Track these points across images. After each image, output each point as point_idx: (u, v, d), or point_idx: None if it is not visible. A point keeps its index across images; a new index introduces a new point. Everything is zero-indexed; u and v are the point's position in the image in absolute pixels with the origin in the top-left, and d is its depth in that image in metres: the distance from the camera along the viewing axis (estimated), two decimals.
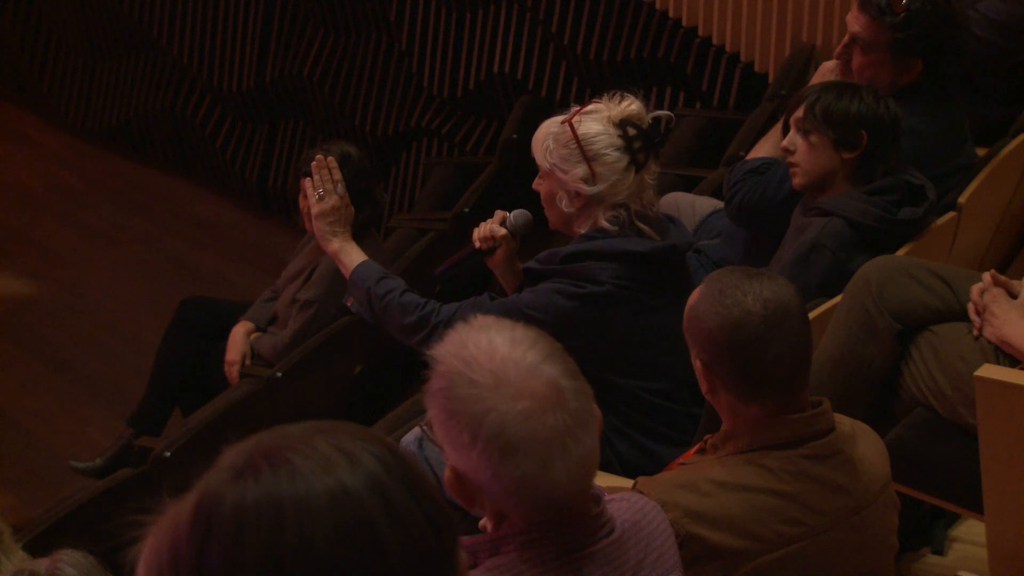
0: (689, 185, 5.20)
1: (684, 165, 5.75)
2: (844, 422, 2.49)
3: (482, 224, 3.44)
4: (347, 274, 3.63)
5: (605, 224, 3.19)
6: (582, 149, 3.15)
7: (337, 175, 3.68)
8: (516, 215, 3.42)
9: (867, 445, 2.49)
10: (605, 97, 3.23)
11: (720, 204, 4.39)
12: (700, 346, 2.43)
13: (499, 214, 3.44)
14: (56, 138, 8.73)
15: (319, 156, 3.72)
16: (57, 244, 7.70)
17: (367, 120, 7.44)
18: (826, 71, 4.17)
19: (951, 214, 3.82)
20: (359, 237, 5.03)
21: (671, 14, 6.09)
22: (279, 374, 4.70)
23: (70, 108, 8.73)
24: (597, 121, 3.18)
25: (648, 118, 3.21)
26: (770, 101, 5.40)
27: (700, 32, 6.03)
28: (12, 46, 8.97)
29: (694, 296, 2.48)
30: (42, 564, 1.81)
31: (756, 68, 5.86)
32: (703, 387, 2.46)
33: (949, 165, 3.97)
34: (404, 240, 5.88)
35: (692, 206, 4.53)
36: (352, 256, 3.63)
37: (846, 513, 2.41)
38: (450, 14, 6.97)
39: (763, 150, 4.20)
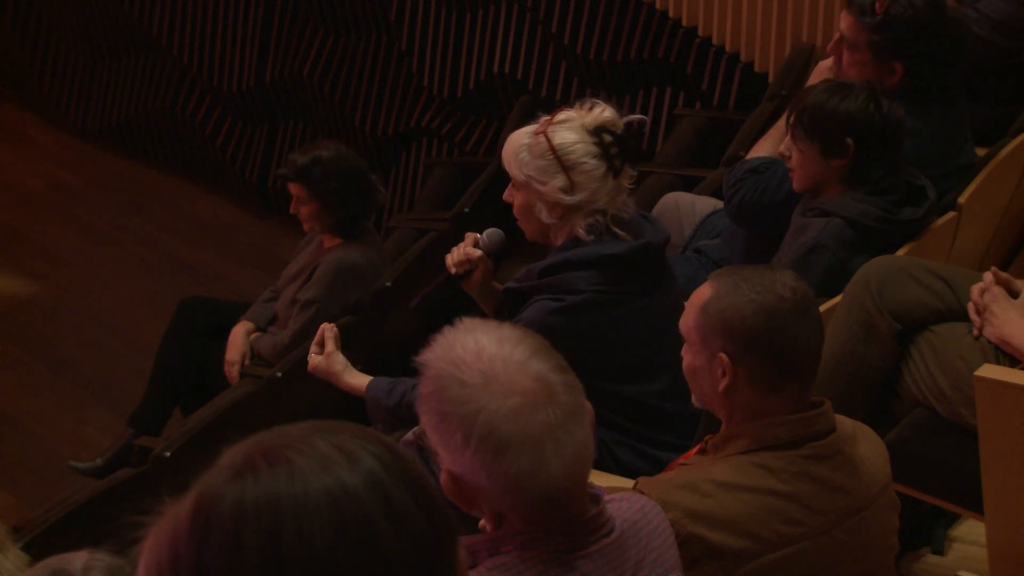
0: (689, 185, 5.20)
1: (684, 165, 5.75)
2: (845, 423, 2.49)
3: (454, 249, 3.41)
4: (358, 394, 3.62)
5: (581, 232, 3.18)
6: (559, 159, 3.13)
7: (331, 346, 3.65)
8: (489, 234, 3.40)
9: (868, 446, 2.50)
10: (577, 105, 3.21)
11: (720, 204, 4.39)
12: (727, 338, 2.40)
13: (470, 236, 3.41)
14: (56, 138, 8.74)
15: (324, 325, 3.72)
16: (57, 244, 7.70)
17: (367, 120, 7.44)
18: (823, 70, 4.16)
19: (951, 214, 3.82)
20: (354, 236, 5.06)
21: (671, 14, 6.09)
22: (279, 374, 4.70)
23: (70, 108, 8.73)
24: (572, 130, 3.15)
25: (622, 123, 3.19)
26: (770, 101, 5.40)
27: (700, 32, 6.03)
28: (12, 46, 8.98)
29: (704, 295, 2.45)
30: (78, 560, 1.76)
31: (756, 68, 5.86)
32: (722, 384, 2.41)
33: (949, 165, 3.97)
34: (404, 240, 5.89)
35: (692, 206, 4.53)
36: (355, 381, 3.60)
37: (846, 514, 2.41)
38: (450, 14, 6.97)
39: (763, 149, 4.20)
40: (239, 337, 5.12)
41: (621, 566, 1.89)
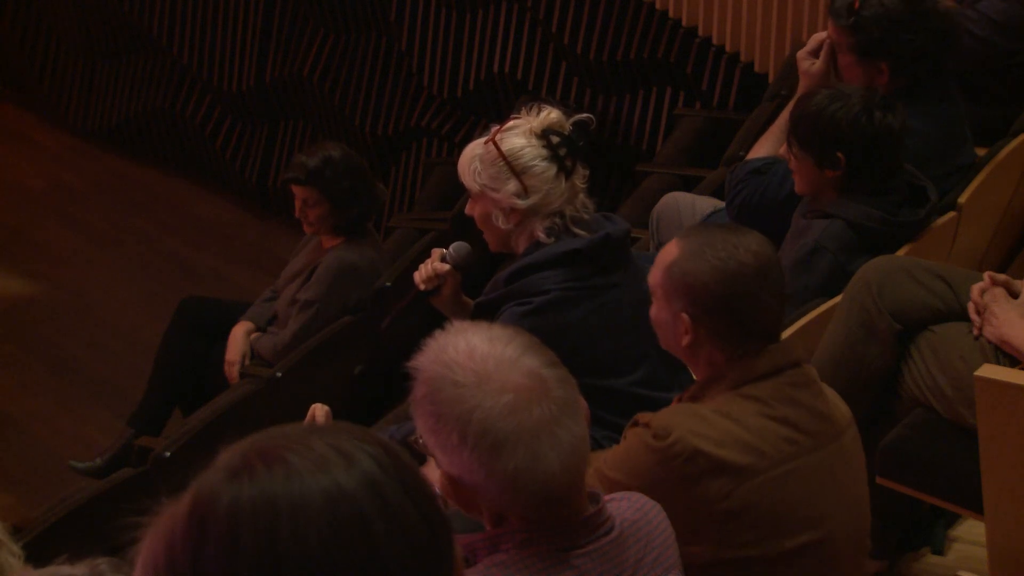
0: (689, 185, 5.20)
1: (684, 165, 5.75)
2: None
3: (422, 266, 3.41)
4: None
5: (541, 235, 3.20)
6: (509, 164, 3.17)
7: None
8: (456, 248, 3.41)
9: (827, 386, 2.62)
10: (523, 111, 3.24)
11: (720, 203, 4.39)
12: (689, 300, 2.50)
13: (437, 251, 3.42)
14: (56, 138, 8.74)
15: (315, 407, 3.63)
16: (57, 244, 7.71)
17: (367, 120, 7.44)
18: (803, 57, 4.15)
19: (951, 214, 3.82)
20: (356, 236, 5.06)
21: (671, 14, 6.10)
22: (279, 374, 4.70)
23: (70, 108, 8.73)
24: (519, 135, 3.19)
25: (569, 124, 3.21)
26: (770, 101, 5.40)
27: (700, 32, 6.03)
28: (12, 46, 8.98)
29: (671, 254, 2.55)
30: (80, 569, 1.77)
31: (756, 68, 5.87)
32: (684, 340, 2.52)
33: (949, 165, 3.97)
34: (404, 240, 5.89)
35: (692, 206, 4.52)
36: None
37: (829, 437, 2.50)
38: (450, 14, 6.98)
39: (763, 149, 4.19)
40: (239, 337, 5.12)
41: (620, 564, 1.90)
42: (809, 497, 2.46)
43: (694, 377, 2.61)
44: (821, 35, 4.10)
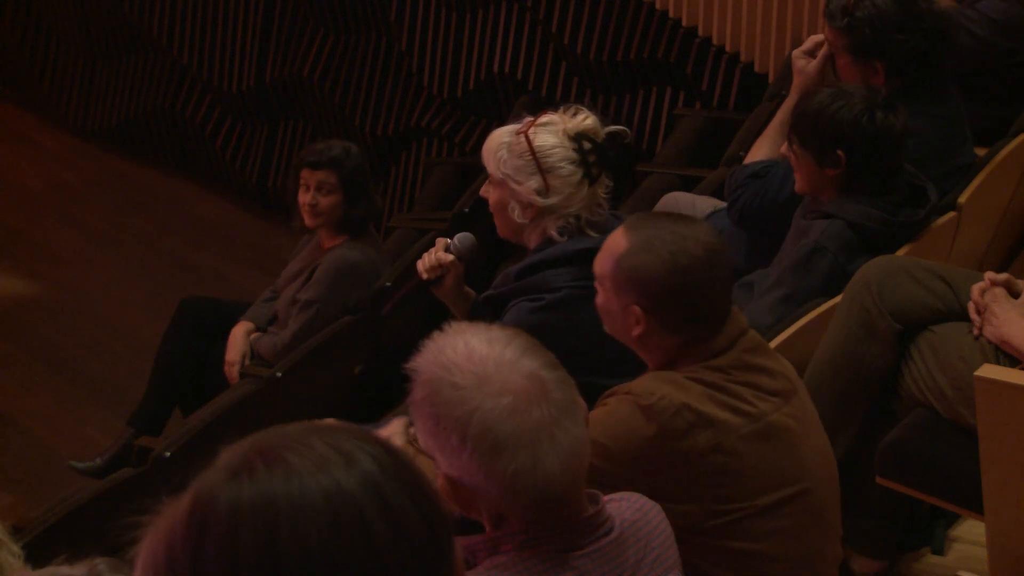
0: (689, 185, 5.20)
1: (684, 165, 5.75)
2: None
3: (425, 255, 3.40)
4: None
5: (554, 233, 3.19)
6: (537, 161, 3.15)
7: None
8: (460, 239, 3.39)
9: None
10: (561, 109, 3.22)
11: (720, 203, 4.40)
12: (640, 293, 2.54)
13: (441, 241, 3.41)
14: (56, 138, 8.74)
15: None
16: (57, 244, 7.71)
17: (367, 120, 7.44)
18: (798, 56, 4.16)
19: (951, 214, 3.82)
20: (356, 235, 5.06)
21: (671, 14, 6.10)
22: (279, 374, 4.70)
23: (70, 108, 8.73)
24: (552, 134, 3.17)
25: (603, 133, 3.20)
26: (770, 101, 5.40)
27: (700, 32, 6.03)
28: (12, 46, 8.98)
29: (620, 247, 2.58)
30: (79, 569, 1.77)
31: (756, 68, 5.87)
32: (635, 331, 2.56)
33: (949, 165, 3.97)
34: (404, 240, 5.89)
35: (692, 206, 4.52)
36: None
37: (788, 394, 2.57)
38: (450, 14, 6.98)
39: (762, 149, 4.20)
40: (239, 337, 5.12)
41: (620, 565, 1.90)
42: (790, 449, 2.52)
43: (647, 363, 2.64)
44: (818, 37, 4.12)
